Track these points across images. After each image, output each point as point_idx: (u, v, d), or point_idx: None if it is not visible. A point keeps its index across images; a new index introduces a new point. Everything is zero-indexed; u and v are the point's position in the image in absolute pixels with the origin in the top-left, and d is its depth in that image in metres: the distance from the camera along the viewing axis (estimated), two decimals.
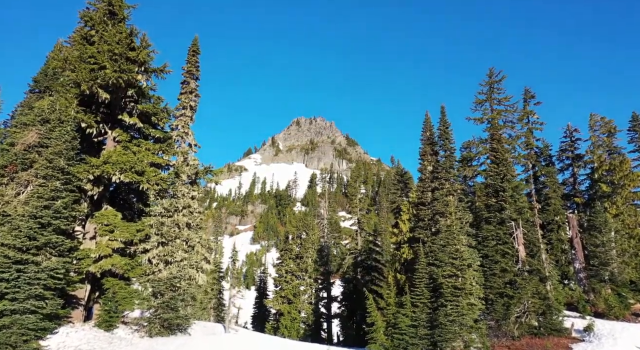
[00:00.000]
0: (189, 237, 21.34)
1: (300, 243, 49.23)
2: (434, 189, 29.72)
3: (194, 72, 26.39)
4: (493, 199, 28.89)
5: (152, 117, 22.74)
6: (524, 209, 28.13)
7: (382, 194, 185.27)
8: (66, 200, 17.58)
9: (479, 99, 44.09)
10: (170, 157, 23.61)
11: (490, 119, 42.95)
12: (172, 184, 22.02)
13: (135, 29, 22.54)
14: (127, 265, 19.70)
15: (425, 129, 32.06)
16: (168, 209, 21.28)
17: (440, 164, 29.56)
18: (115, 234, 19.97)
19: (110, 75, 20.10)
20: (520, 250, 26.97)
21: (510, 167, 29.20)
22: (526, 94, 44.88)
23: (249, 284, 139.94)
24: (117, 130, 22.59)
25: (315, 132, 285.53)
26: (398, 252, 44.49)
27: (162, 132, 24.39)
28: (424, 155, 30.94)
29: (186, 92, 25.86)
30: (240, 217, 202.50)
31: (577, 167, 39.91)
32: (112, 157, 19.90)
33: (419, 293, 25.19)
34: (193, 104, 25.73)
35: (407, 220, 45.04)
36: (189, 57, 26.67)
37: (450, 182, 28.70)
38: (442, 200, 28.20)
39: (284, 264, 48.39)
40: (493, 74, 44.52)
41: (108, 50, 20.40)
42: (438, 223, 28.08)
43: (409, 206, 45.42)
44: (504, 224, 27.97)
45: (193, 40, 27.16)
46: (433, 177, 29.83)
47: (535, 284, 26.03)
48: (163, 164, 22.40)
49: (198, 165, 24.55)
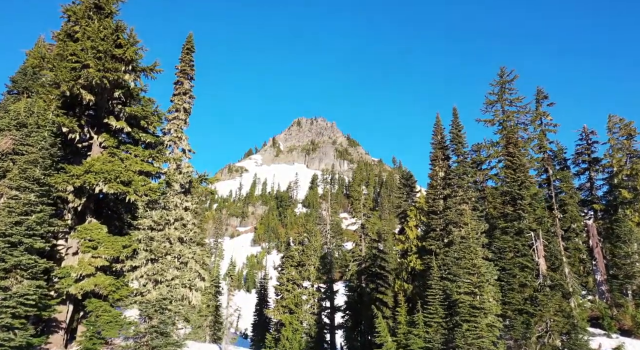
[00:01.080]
0: (181, 253, 19.37)
1: (302, 250, 47.22)
2: (446, 196, 27.72)
3: (188, 72, 24.43)
4: (510, 207, 26.86)
5: (142, 120, 20.79)
6: (543, 218, 26.10)
7: (384, 195, 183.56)
8: (41, 215, 15.63)
9: (490, 100, 42.09)
10: (162, 164, 21.66)
11: (502, 121, 41.01)
12: (163, 195, 20.04)
13: (123, 24, 20.58)
14: (112, 285, 17.75)
15: (435, 131, 30.05)
16: (158, 222, 19.32)
17: (452, 170, 27.56)
18: (99, 251, 18.02)
19: (93, 74, 18.16)
20: (541, 263, 24.96)
21: (527, 173, 27.15)
22: (538, 94, 42.83)
23: (250, 287, 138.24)
24: (103, 135, 20.66)
25: (316, 132, 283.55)
26: (405, 260, 42.51)
27: (154, 136, 22.46)
28: (434, 160, 28.92)
29: (180, 93, 23.91)
30: (241, 218, 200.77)
31: (594, 171, 37.88)
32: (95, 166, 17.95)
33: (432, 311, 23.21)
34: (187, 106, 23.76)
35: (414, 226, 43.07)
36: (182, 55, 24.71)
37: (463, 190, 26.69)
38: (456, 209, 26.18)
39: (285, 272, 46.39)
40: (504, 73, 42.52)
41: (91, 48, 18.45)
42: (451, 233, 26.07)
43: (416, 212, 43.45)
44: (522, 234, 25.94)
45: (187, 37, 25.23)
46: (445, 184, 27.82)
47: (558, 301, 24.00)
48: (153, 172, 20.45)
49: (192, 172, 22.59)
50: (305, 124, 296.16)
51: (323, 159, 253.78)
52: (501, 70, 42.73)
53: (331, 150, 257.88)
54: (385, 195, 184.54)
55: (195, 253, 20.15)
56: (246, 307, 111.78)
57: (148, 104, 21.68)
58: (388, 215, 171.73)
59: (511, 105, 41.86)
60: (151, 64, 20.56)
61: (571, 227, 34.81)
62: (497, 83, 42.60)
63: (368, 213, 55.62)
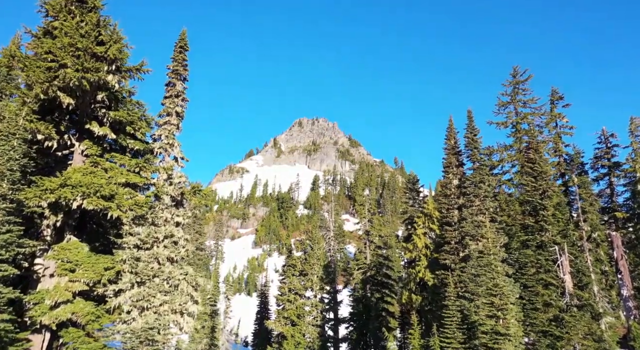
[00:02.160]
0: (171, 274, 17.28)
1: (304, 259, 45.11)
2: (460, 206, 25.62)
3: (181, 72, 22.34)
4: (531, 218, 24.77)
5: (128, 126, 18.71)
6: (568, 230, 23.97)
7: (386, 197, 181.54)
8: (7, 237, 13.58)
9: (502, 101, 39.98)
10: (151, 174, 19.59)
11: (515, 123, 38.88)
12: (152, 209, 17.95)
13: (107, 19, 18.52)
14: (91, 314, 15.69)
15: (448, 136, 27.94)
16: (145, 241, 17.23)
17: (467, 178, 25.43)
18: (77, 274, 15.96)
19: (71, 75, 16.10)
20: (567, 280, 22.84)
21: (549, 180, 25.03)
22: (553, 95, 40.68)
23: (250, 290, 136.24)
24: (85, 143, 18.59)
25: (318, 133, 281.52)
26: (413, 270, 40.37)
27: (142, 143, 20.39)
28: (448, 167, 26.82)
29: (171, 95, 21.81)
30: (242, 220, 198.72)
31: (615, 176, 35.67)
32: (73, 178, 15.88)
33: (449, 335, 21.10)
34: (179, 110, 21.68)
35: (422, 234, 40.94)
36: (175, 54, 22.61)
37: (480, 199, 24.56)
38: (472, 220, 24.07)
39: (287, 281, 44.31)
40: (517, 73, 40.40)
41: (69, 45, 16.39)
42: (468, 247, 23.96)
43: (425, 219, 41.33)
44: (544, 248, 23.84)
45: (180, 34, 23.13)
46: (460, 193, 25.71)
47: (587, 322, 21.88)
48: (140, 183, 18.39)
49: (185, 183, 20.50)
50: (307, 124, 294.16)
51: (324, 160, 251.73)
52: (514, 69, 40.62)
53: (333, 151, 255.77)
54: (388, 196, 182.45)
55: (187, 274, 18.06)
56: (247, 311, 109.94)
57: (135, 108, 19.60)
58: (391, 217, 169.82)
59: (525, 106, 39.76)
60: (137, 64, 18.50)
61: (591, 236, 32.66)
62: (509, 83, 40.48)
63: (372, 218, 53.51)
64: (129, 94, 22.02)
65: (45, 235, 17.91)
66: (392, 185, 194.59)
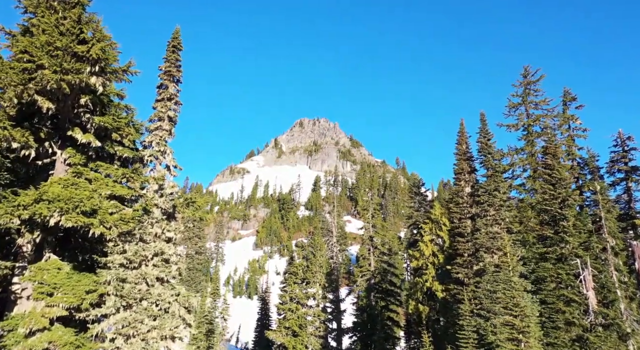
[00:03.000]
0: (160, 296, 15.66)
1: (306, 266, 43.49)
2: (474, 215, 23.96)
3: (174, 73, 20.74)
4: (549, 228, 23.10)
5: (114, 133, 17.08)
6: (591, 242, 22.30)
7: (388, 198, 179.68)
8: None
9: (513, 103, 38.32)
10: (141, 184, 17.96)
11: (527, 125, 37.21)
12: (140, 223, 16.33)
13: (91, 16, 16.90)
14: (70, 344, 14.08)
15: (459, 140, 26.28)
16: (131, 260, 15.62)
17: (481, 185, 23.76)
18: (55, 298, 14.34)
19: (48, 77, 14.48)
20: (590, 297, 21.17)
21: (570, 188, 23.36)
22: (565, 96, 39.02)
23: (251, 293, 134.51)
24: (68, 151, 16.98)
25: (319, 133, 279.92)
26: (420, 279, 38.74)
27: (131, 150, 18.76)
28: (459, 174, 25.18)
29: (163, 99, 20.22)
30: (243, 221, 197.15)
31: (633, 181, 33.99)
32: (50, 192, 14.26)
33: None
34: (172, 114, 20.07)
35: (429, 241, 39.33)
36: (167, 54, 21.02)
37: (495, 208, 22.90)
38: (487, 231, 22.41)
39: (288, 289, 42.67)
40: (528, 73, 38.72)
41: (46, 43, 14.77)
42: (482, 260, 22.30)
43: (432, 225, 39.69)
44: (565, 261, 22.18)
45: (174, 32, 21.54)
46: (473, 202, 24.05)
47: (613, 343, 20.21)
48: (128, 196, 16.75)
49: (177, 193, 18.88)
50: (308, 124, 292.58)
51: (326, 160, 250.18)
52: (525, 69, 38.94)
53: (334, 152, 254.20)
54: (390, 198, 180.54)
55: (179, 294, 16.43)
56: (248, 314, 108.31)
57: (122, 113, 17.98)
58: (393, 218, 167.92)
59: (537, 108, 38.10)
60: (124, 65, 16.86)
61: (608, 245, 31.01)
62: (520, 84, 38.82)
63: (376, 223, 51.86)
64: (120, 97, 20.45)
65: (24, 251, 16.33)
66: (394, 186, 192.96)
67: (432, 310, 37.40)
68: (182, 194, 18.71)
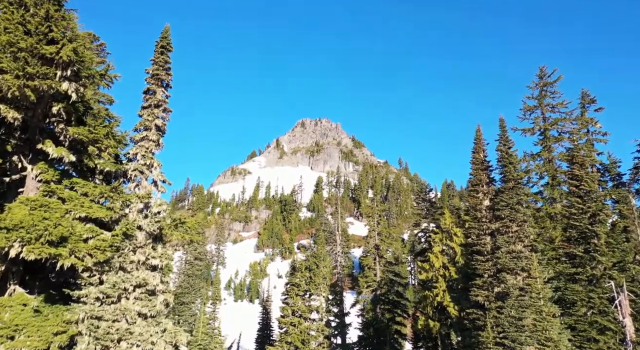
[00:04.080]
0: (142, 336, 13.54)
1: (309, 277, 41.37)
2: (494, 231, 21.78)
3: (163, 77, 18.60)
4: (578, 247, 20.90)
5: (91, 146, 14.99)
6: (627, 263, 20.10)
7: (391, 199, 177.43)
8: None
9: (528, 105, 36.07)
10: (123, 203, 15.84)
11: (543, 130, 34.99)
12: (120, 252, 14.21)
13: (68, 14, 14.83)
14: None
15: (476, 148, 24.08)
16: (108, 294, 13.50)
17: (502, 198, 21.54)
18: (17, 342, 12.24)
19: (10, 82, 12.40)
20: (627, 324, 18.98)
21: (602, 201, 21.17)
22: (584, 98, 36.73)
23: (253, 297, 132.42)
24: (39, 166, 14.91)
25: (321, 133, 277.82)
26: (430, 292, 36.53)
27: (114, 164, 16.68)
28: (477, 185, 22.97)
29: (150, 105, 18.08)
30: (244, 223, 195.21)
31: None
32: (11, 218, 12.17)
33: None
34: (160, 123, 17.94)
35: (439, 252, 37.18)
36: (155, 55, 18.87)
37: (517, 224, 20.72)
38: (509, 250, 20.24)
39: (290, 302, 40.55)
40: (545, 73, 36.42)
41: (8, 44, 12.68)
42: (505, 282, 20.12)
43: (442, 235, 37.58)
44: (597, 283, 19.99)
45: (163, 32, 19.40)
46: (492, 216, 21.86)
47: None
48: (106, 219, 14.63)
49: (165, 211, 16.76)
50: (310, 125, 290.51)
51: (328, 161, 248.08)
52: (540, 70, 36.65)
53: (336, 152, 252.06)
54: (393, 199, 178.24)
55: (165, 331, 14.32)
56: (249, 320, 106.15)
57: (101, 122, 15.88)
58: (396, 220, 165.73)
59: (554, 111, 35.86)
60: (102, 69, 14.79)
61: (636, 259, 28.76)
62: (536, 85, 36.54)
63: (382, 231, 49.68)
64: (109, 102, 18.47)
65: None
66: (397, 187, 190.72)
67: (443, 325, 35.23)
68: (170, 212, 16.57)
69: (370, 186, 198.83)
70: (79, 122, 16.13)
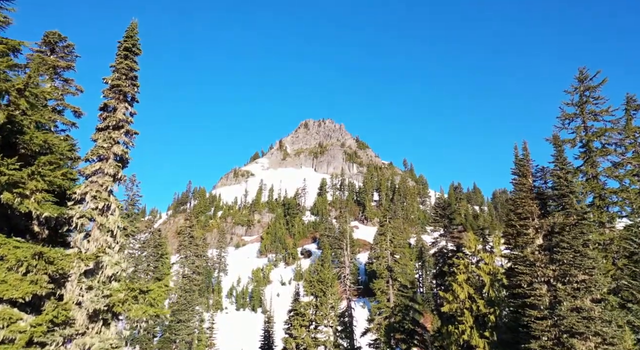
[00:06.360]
0: None
1: (315, 306, 36.87)
2: (550, 279, 17.14)
3: (126, 89, 14.08)
4: None
5: (6, 192, 10.49)
6: None
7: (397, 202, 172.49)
8: None
9: (567, 113, 31.22)
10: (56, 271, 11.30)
11: (586, 141, 30.20)
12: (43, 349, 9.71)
13: None
14: None
15: (522, 171, 19.36)
16: None
17: (563, 239, 16.88)
18: None
19: None
20: None
21: None
22: (628, 104, 31.89)
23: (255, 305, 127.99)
24: None
25: (324, 134, 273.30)
26: (455, 329, 31.86)
27: (55, 207, 12.17)
28: (526, 219, 18.30)
29: (108, 126, 13.58)
30: (247, 227, 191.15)
31: None
32: None
33: None
34: (120, 151, 13.43)
35: (464, 281, 32.55)
36: (117, 60, 14.34)
37: (584, 272, 16.10)
38: (575, 306, 15.61)
39: (294, 334, 36.12)
40: (586, 76, 31.56)
41: None
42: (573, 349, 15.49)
43: (468, 263, 33.01)
44: None
45: (127, 29, 14.86)
46: (549, 260, 17.22)
47: None
48: (27, 297, 10.08)
49: (124, 270, 12.23)
50: (313, 126, 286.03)
51: (331, 162, 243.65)
52: (580, 72, 31.81)
53: (340, 153, 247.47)
54: (399, 202, 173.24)
55: None
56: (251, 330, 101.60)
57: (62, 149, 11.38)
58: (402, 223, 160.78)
59: (597, 119, 31.08)
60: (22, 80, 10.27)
61: None
62: (575, 90, 31.72)
63: (396, 251, 45.08)
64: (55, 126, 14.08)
65: None
66: (403, 190, 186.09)
67: None
68: (129, 280, 12.07)
69: (375, 189, 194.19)
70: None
